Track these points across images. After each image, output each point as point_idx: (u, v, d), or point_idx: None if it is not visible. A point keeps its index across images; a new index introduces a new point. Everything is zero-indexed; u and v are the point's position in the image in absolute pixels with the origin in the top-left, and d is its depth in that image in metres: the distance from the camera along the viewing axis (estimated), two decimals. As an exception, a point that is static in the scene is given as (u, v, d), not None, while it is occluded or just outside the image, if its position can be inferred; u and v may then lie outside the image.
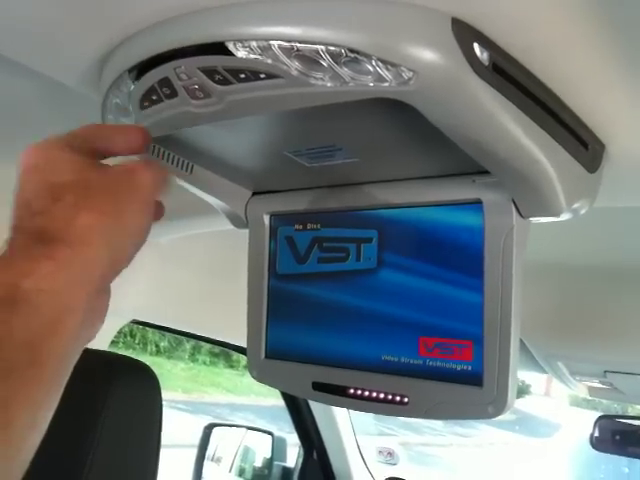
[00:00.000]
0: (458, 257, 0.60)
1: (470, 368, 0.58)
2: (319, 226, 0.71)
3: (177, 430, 5.85)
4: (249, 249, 0.78)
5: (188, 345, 11.75)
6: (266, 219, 0.75)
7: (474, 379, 0.58)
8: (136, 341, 10.90)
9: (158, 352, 11.58)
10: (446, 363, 0.60)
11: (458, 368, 0.59)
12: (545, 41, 0.46)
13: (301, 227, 0.72)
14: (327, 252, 0.70)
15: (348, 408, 0.66)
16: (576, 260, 1.07)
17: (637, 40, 0.46)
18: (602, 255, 1.03)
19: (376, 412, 0.65)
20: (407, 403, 0.60)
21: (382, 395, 0.62)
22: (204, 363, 12.05)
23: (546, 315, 1.21)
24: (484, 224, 0.59)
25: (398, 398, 0.61)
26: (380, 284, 0.65)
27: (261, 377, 0.74)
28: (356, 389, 0.64)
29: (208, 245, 1.27)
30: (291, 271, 0.73)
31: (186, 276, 1.34)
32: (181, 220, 1.10)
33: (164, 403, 0.95)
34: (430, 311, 0.61)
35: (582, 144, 0.56)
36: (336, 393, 0.65)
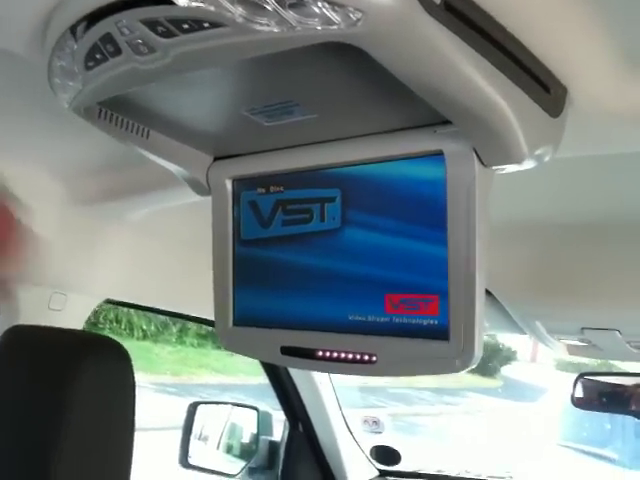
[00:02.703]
0: (421, 211, 0.59)
1: (436, 322, 0.57)
2: (282, 188, 0.69)
3: (166, 412, 5.85)
4: (213, 216, 0.76)
5: (175, 328, 11.73)
6: (228, 184, 0.74)
7: (441, 333, 0.57)
8: (122, 326, 10.86)
9: (145, 336, 11.55)
10: (413, 319, 0.59)
11: (424, 323, 0.58)
12: None
13: (264, 190, 0.71)
14: (291, 214, 0.69)
15: (318, 370, 0.66)
16: (549, 218, 1.06)
17: None
18: (575, 212, 1.02)
19: (345, 373, 0.65)
20: (375, 362, 0.60)
21: (350, 356, 0.61)
22: (192, 345, 12.04)
23: (521, 274, 1.21)
24: (446, 175, 0.58)
25: (366, 357, 0.60)
26: (345, 243, 0.64)
27: (230, 345, 0.73)
28: (324, 351, 0.63)
29: (180, 219, 1.25)
30: (256, 236, 0.71)
31: (159, 252, 1.32)
32: (150, 194, 1.08)
33: (152, 387, 0.93)
34: (395, 267, 0.60)
35: (544, 88, 0.54)
36: (305, 356, 0.64)
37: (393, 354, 0.59)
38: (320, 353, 0.63)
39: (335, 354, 0.62)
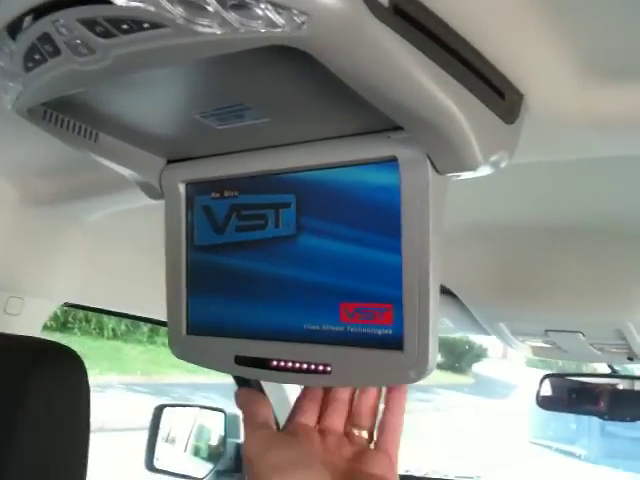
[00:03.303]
0: (376, 218, 0.58)
1: (391, 332, 0.56)
2: (236, 193, 0.68)
3: (136, 413, 5.80)
4: (165, 220, 0.74)
5: (146, 328, 11.63)
6: (181, 188, 0.72)
7: (395, 343, 0.56)
8: (92, 326, 10.74)
9: (115, 336, 11.44)
10: (367, 328, 0.58)
11: (379, 333, 0.57)
12: None
13: (218, 195, 0.69)
14: (245, 220, 0.67)
15: (272, 381, 0.64)
16: (513, 221, 1.06)
17: None
18: (537, 213, 1.03)
19: (300, 383, 0.63)
20: (330, 372, 0.58)
21: (305, 366, 0.60)
22: (163, 345, 11.95)
23: (486, 277, 1.21)
24: (400, 182, 0.56)
25: (321, 367, 0.59)
26: (300, 251, 0.63)
27: (183, 354, 0.71)
28: (279, 361, 0.62)
29: (138, 221, 1.22)
30: (209, 242, 0.70)
31: (118, 254, 1.29)
32: (106, 196, 1.05)
33: (122, 386, 0.92)
34: (350, 275, 0.59)
35: (498, 94, 0.53)
36: (259, 366, 0.63)
37: (348, 364, 0.58)
38: (274, 363, 0.62)
39: (290, 364, 0.61)
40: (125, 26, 0.44)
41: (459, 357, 15.59)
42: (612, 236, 1.04)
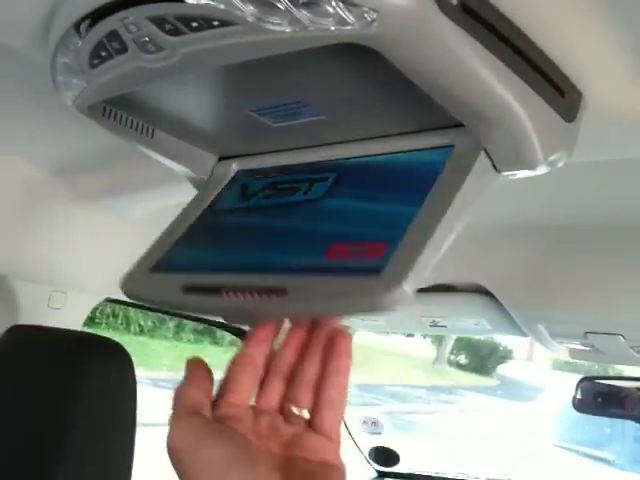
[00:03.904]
0: (407, 182, 0.56)
1: (374, 263, 0.49)
2: (280, 174, 0.67)
3: (162, 408, 5.85)
4: (199, 190, 0.73)
5: (172, 324, 11.72)
6: (230, 175, 0.72)
7: (373, 270, 0.49)
8: (119, 321, 10.84)
9: (142, 332, 11.53)
10: (349, 262, 0.51)
11: (362, 264, 0.50)
12: None
13: (262, 176, 0.68)
14: (277, 190, 0.65)
15: (222, 308, 0.57)
16: (554, 221, 1.05)
17: None
18: (580, 215, 1.02)
19: (252, 309, 0.54)
20: (286, 294, 0.51)
21: (257, 291, 0.52)
22: (188, 341, 12.04)
23: (524, 277, 1.20)
24: (449, 158, 0.54)
25: (276, 291, 0.51)
26: (318, 209, 0.59)
27: (130, 290, 0.64)
28: (230, 288, 0.54)
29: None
30: (231, 206, 0.67)
31: None
32: (151, 191, 1.06)
33: (149, 382, 0.93)
34: (352, 223, 0.56)
35: (558, 92, 0.53)
36: (208, 294, 0.56)
37: (309, 288, 0.51)
38: (225, 290, 0.54)
39: (242, 291, 0.53)
40: (195, 24, 0.44)
41: (484, 359, 15.46)
42: None
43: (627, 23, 0.48)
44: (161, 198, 1.09)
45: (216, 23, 0.43)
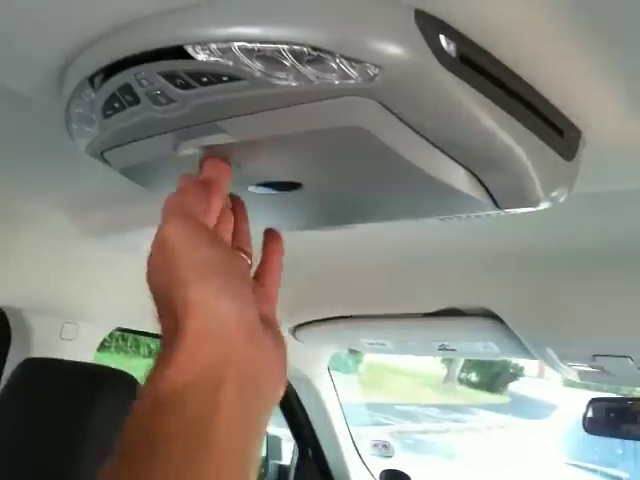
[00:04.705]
0: None
1: None
2: None
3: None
4: None
5: (180, 345, 11.69)
6: None
7: None
8: (128, 344, 10.84)
9: (151, 354, 11.51)
10: None
11: None
12: (513, 29, 0.45)
13: None
14: None
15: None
16: (560, 246, 1.06)
17: (609, 21, 0.45)
18: (586, 240, 1.03)
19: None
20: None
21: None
22: (197, 362, 12.02)
23: (532, 301, 1.20)
24: None
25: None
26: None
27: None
28: None
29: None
30: None
31: None
32: (156, 228, 1.09)
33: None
34: None
35: (557, 131, 0.55)
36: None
37: None
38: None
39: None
40: (204, 79, 0.46)
41: (495, 376, 15.35)
42: None
43: (621, 62, 0.50)
44: None
45: (225, 78, 0.45)
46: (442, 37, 0.43)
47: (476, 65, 0.45)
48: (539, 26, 0.45)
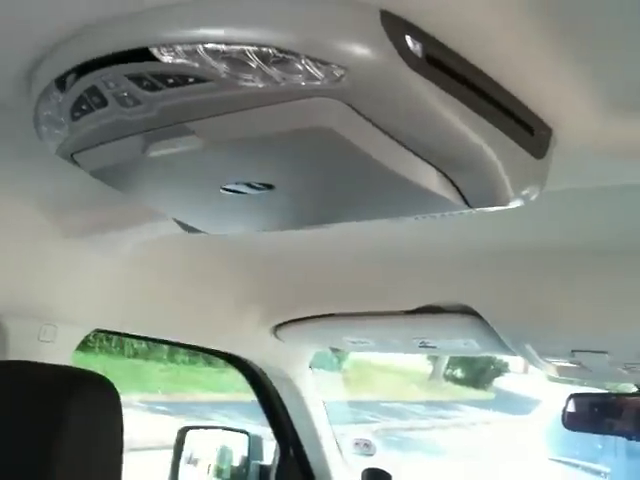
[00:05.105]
0: None
1: None
2: None
3: (157, 431, 5.81)
4: None
5: (165, 346, 11.65)
6: None
7: None
8: (112, 345, 10.78)
9: (136, 354, 11.46)
10: None
11: None
12: (479, 27, 0.46)
13: None
14: None
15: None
16: (538, 243, 1.07)
17: (577, 21, 0.45)
18: (563, 237, 1.04)
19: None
20: None
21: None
22: (183, 362, 11.96)
23: (512, 298, 1.21)
24: None
25: None
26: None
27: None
28: None
29: (168, 249, 1.25)
30: None
31: (149, 282, 1.32)
32: (135, 228, 1.08)
33: (144, 406, 0.93)
34: None
35: (527, 130, 0.55)
36: None
37: None
38: None
39: None
40: (170, 80, 0.46)
41: (480, 372, 15.43)
42: (638, 257, 1.05)
43: (593, 60, 0.50)
44: (146, 233, 1.10)
45: (191, 80, 0.45)
46: (408, 37, 0.43)
47: (443, 65, 0.45)
48: (507, 26, 0.45)
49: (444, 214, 0.62)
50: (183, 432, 2.03)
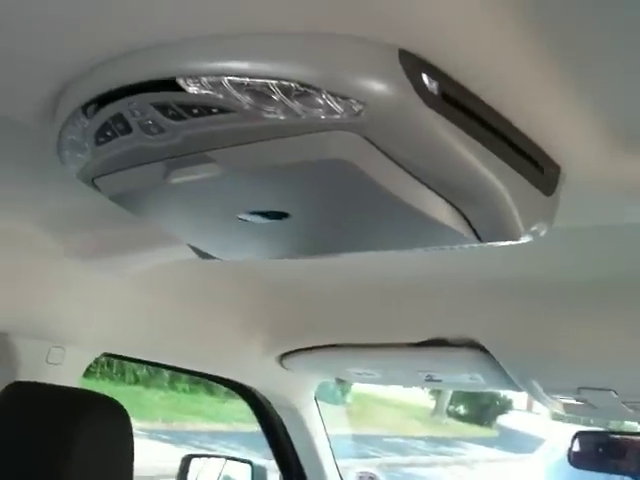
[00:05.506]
0: None
1: None
2: None
3: (158, 460, 5.75)
4: None
5: (166, 373, 11.58)
6: None
7: None
8: (114, 371, 10.72)
9: (137, 381, 11.39)
10: None
11: None
12: (493, 67, 0.47)
13: None
14: None
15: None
16: (545, 278, 1.08)
17: (586, 62, 0.47)
18: (571, 274, 1.04)
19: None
20: None
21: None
22: (184, 391, 11.87)
23: (519, 333, 1.21)
24: None
25: None
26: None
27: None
28: None
29: (178, 274, 1.26)
30: None
31: (157, 307, 1.32)
32: (144, 251, 1.09)
33: (144, 433, 0.94)
34: None
35: (537, 167, 0.56)
36: None
37: None
38: None
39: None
40: (195, 110, 0.48)
41: (483, 409, 15.25)
42: None
43: (601, 101, 0.52)
44: (154, 256, 1.12)
45: (215, 110, 0.47)
46: (424, 75, 0.44)
47: (457, 102, 0.47)
48: (519, 67, 0.47)
49: (454, 247, 0.64)
50: (187, 460, 2.02)
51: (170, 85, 0.47)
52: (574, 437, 1.76)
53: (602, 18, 0.43)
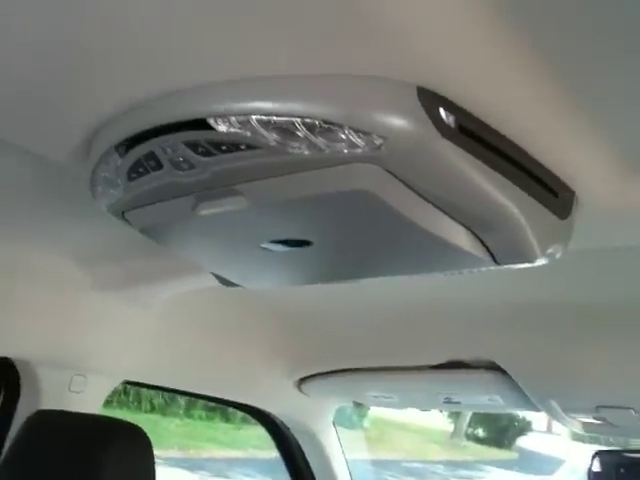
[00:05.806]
0: None
1: None
2: None
3: (176, 490, 5.72)
4: None
5: (182, 401, 11.54)
6: None
7: None
8: (130, 399, 10.70)
9: (153, 409, 11.35)
10: None
11: None
12: (507, 100, 0.50)
13: None
14: None
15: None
16: (563, 299, 1.09)
17: (598, 94, 0.49)
18: (586, 294, 1.05)
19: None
20: None
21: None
22: (200, 418, 11.82)
23: (537, 354, 1.22)
24: None
25: None
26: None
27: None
28: None
29: (198, 302, 1.28)
30: None
31: (177, 334, 1.34)
32: (167, 282, 1.12)
33: (160, 461, 0.95)
34: None
35: (552, 193, 0.59)
36: None
37: None
38: None
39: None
40: (224, 147, 0.50)
41: (502, 431, 15.07)
42: None
43: (614, 129, 0.54)
44: (178, 286, 1.14)
45: (243, 147, 0.50)
46: (442, 110, 0.47)
47: (474, 134, 0.49)
48: (534, 101, 0.50)
49: (472, 270, 0.66)
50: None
51: (201, 124, 0.50)
52: (593, 456, 1.74)
53: (613, 51, 0.45)
